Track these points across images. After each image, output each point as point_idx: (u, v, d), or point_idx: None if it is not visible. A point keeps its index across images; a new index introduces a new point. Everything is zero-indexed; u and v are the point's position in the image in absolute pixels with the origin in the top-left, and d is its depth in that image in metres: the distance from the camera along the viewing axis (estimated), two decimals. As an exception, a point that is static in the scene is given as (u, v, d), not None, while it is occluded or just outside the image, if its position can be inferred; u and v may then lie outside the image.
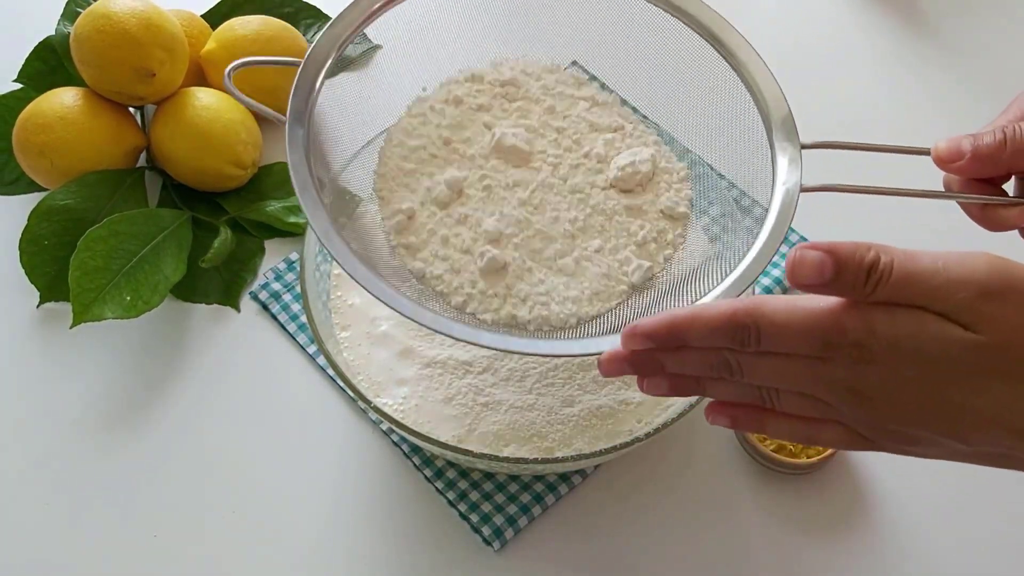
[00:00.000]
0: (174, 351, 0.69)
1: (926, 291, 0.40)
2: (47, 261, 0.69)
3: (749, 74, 0.58)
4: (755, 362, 0.43)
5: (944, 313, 0.40)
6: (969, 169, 0.49)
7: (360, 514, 0.63)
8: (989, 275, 0.40)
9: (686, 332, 0.43)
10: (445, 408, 0.60)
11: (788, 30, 0.85)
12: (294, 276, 0.71)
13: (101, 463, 0.65)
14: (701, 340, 0.43)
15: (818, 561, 0.61)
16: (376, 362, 0.62)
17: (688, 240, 0.60)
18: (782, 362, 0.42)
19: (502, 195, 0.57)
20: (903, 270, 0.40)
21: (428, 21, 0.59)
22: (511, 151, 0.58)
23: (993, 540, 0.62)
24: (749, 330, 0.42)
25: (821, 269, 0.40)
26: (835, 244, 0.41)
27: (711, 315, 0.42)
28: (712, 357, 0.44)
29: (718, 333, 0.42)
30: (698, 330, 0.43)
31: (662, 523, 0.62)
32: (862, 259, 0.40)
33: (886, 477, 0.64)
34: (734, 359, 0.43)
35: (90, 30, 0.70)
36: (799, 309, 0.42)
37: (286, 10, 0.82)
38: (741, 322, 0.42)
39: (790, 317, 0.41)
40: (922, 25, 0.86)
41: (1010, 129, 0.48)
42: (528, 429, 0.60)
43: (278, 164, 0.77)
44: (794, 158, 0.55)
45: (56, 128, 0.70)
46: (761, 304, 0.42)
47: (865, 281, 0.40)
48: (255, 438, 0.66)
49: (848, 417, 0.43)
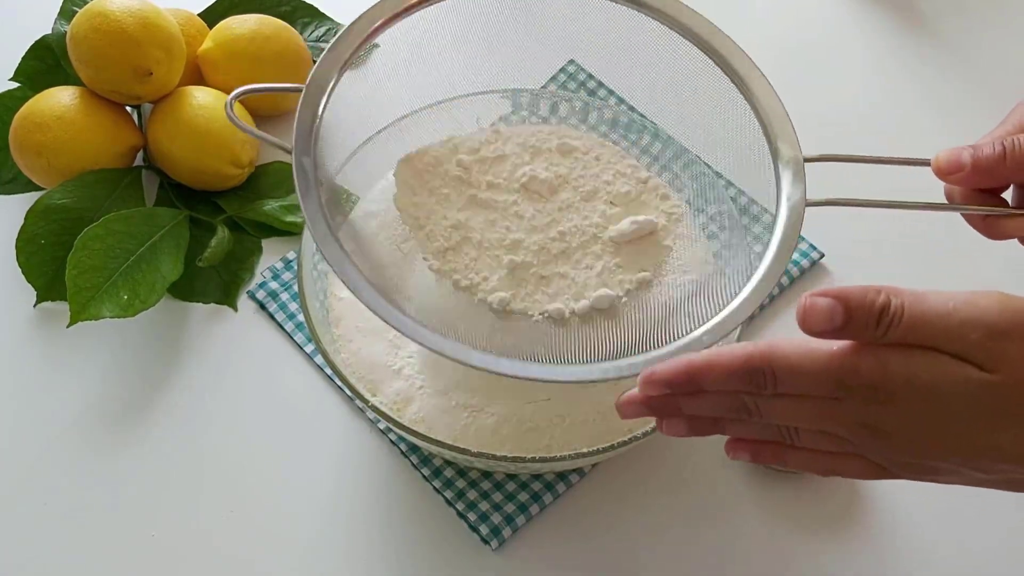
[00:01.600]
0: (171, 350, 0.69)
1: (938, 332, 0.40)
2: (44, 260, 0.69)
3: (748, 89, 0.58)
4: (772, 403, 0.43)
5: (957, 354, 0.40)
6: (969, 181, 0.50)
7: (358, 512, 0.63)
8: (1000, 314, 0.40)
9: (703, 378, 0.44)
10: (442, 406, 0.60)
11: (785, 31, 0.85)
12: (291, 275, 0.71)
13: (99, 463, 0.65)
14: (718, 384, 0.44)
15: (815, 560, 0.61)
16: (370, 358, 0.62)
17: (694, 255, 0.61)
18: (798, 403, 0.43)
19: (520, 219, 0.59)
20: (914, 312, 0.40)
21: (427, 31, 0.59)
22: (540, 183, 0.60)
23: (990, 539, 0.62)
24: (764, 374, 0.42)
25: (832, 316, 0.41)
26: (844, 290, 0.41)
27: (727, 360, 0.43)
28: (730, 400, 0.44)
29: (734, 378, 0.43)
30: (715, 376, 0.43)
31: (660, 522, 0.62)
32: (872, 303, 0.41)
33: (883, 475, 0.64)
34: (751, 401, 0.44)
35: (87, 29, 0.70)
36: (813, 352, 0.42)
37: (283, 9, 0.82)
38: (756, 367, 0.42)
39: (804, 360, 0.42)
40: (920, 26, 0.86)
41: (1009, 142, 0.48)
42: (526, 427, 0.60)
43: (276, 163, 0.76)
44: (798, 172, 0.55)
45: (53, 127, 0.70)
46: (775, 347, 0.42)
47: (876, 325, 0.40)
48: (253, 437, 0.66)
49: (867, 451, 0.44)
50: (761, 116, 0.57)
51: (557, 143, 0.63)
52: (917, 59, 0.84)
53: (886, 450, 0.43)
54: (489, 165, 0.61)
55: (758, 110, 0.57)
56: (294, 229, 0.73)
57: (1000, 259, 0.72)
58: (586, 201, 0.61)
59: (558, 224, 0.60)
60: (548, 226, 0.59)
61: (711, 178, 0.65)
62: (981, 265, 0.70)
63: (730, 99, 0.58)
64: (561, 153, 0.63)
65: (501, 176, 0.61)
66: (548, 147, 0.63)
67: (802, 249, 0.72)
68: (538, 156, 0.62)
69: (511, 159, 0.61)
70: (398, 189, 0.59)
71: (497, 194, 0.60)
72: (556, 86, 0.79)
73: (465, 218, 0.59)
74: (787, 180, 0.55)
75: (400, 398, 0.61)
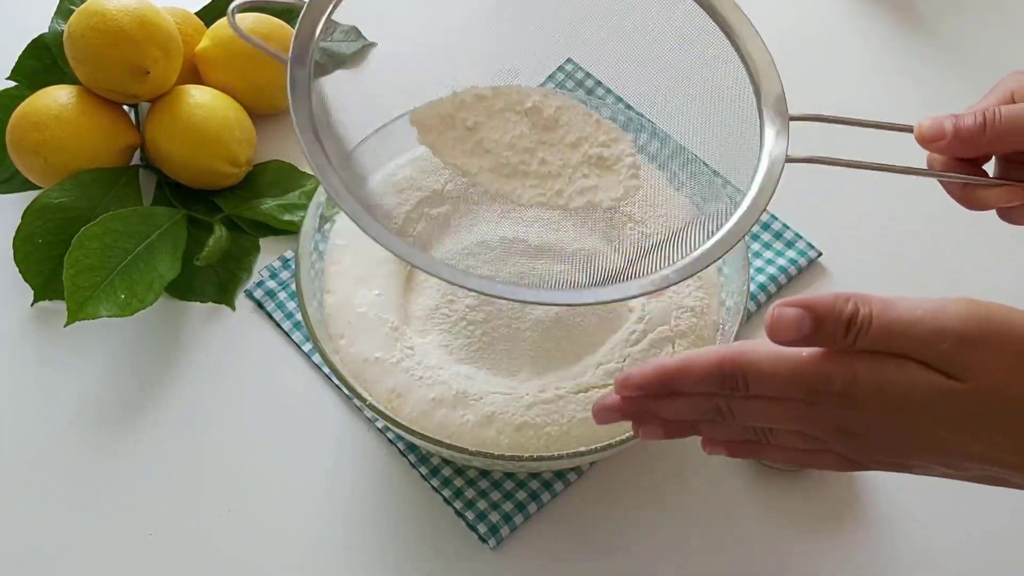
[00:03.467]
0: (169, 349, 0.69)
1: (906, 341, 0.41)
2: (41, 260, 0.69)
3: (741, 41, 0.57)
4: (745, 405, 0.44)
5: (926, 362, 0.41)
6: (950, 149, 0.50)
7: (356, 512, 0.63)
8: (966, 323, 0.40)
9: (676, 381, 0.44)
10: (439, 405, 0.60)
11: (783, 31, 0.85)
12: (289, 274, 0.71)
13: (96, 462, 0.65)
14: (691, 388, 0.44)
15: (813, 557, 0.61)
16: (368, 357, 0.62)
17: (671, 203, 0.62)
18: (771, 405, 0.43)
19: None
20: (882, 321, 0.41)
21: (426, 30, 0.59)
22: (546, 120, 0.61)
23: (988, 537, 0.62)
24: (736, 378, 0.43)
25: (800, 326, 0.41)
26: (812, 300, 0.41)
27: (699, 364, 0.44)
28: (704, 403, 0.45)
29: (707, 381, 0.44)
30: (688, 379, 0.44)
31: (658, 520, 0.62)
32: (840, 313, 0.41)
33: (880, 474, 0.64)
34: (724, 404, 0.44)
35: (84, 28, 0.69)
36: (784, 357, 0.42)
37: (281, 8, 0.82)
38: (728, 371, 0.43)
39: (776, 366, 0.42)
40: (918, 25, 0.86)
41: (990, 113, 0.49)
42: (523, 426, 0.60)
43: (273, 162, 0.76)
44: (781, 130, 0.55)
45: (50, 126, 0.70)
46: (747, 352, 0.43)
47: (845, 334, 0.41)
48: (251, 436, 0.66)
49: (840, 450, 0.44)
50: (751, 71, 0.57)
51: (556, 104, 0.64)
52: (916, 59, 0.84)
53: (859, 449, 0.44)
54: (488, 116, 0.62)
55: (748, 64, 0.57)
56: (292, 228, 0.73)
57: (999, 258, 0.72)
58: (573, 148, 0.61)
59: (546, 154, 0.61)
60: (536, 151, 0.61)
61: (708, 176, 0.65)
62: (979, 263, 0.71)
63: (720, 52, 0.58)
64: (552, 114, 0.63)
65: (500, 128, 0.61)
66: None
67: (799, 248, 0.72)
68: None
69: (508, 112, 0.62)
70: (419, 131, 0.60)
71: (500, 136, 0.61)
72: (554, 84, 0.79)
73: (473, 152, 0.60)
74: (770, 135, 0.55)
75: (397, 396, 0.60)
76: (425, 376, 0.61)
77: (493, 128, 0.60)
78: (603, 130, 0.63)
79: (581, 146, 0.62)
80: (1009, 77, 0.51)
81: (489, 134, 0.60)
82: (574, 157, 0.61)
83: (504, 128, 0.60)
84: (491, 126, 0.60)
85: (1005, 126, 0.48)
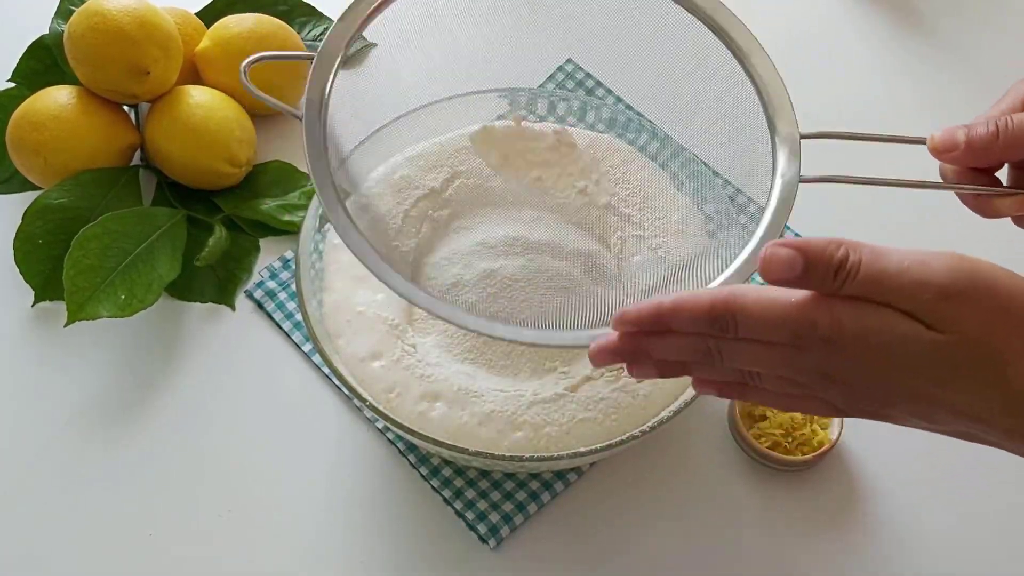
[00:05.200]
0: (169, 350, 0.69)
1: (891, 290, 0.42)
2: (41, 260, 0.69)
3: (751, 64, 0.58)
4: (734, 347, 0.45)
5: (909, 312, 0.42)
6: (963, 159, 0.51)
7: (355, 512, 0.63)
8: (949, 276, 0.41)
9: (670, 319, 0.45)
10: (439, 403, 0.60)
11: (782, 31, 0.85)
12: (289, 274, 0.71)
13: (96, 462, 0.65)
14: (684, 326, 0.45)
15: (812, 557, 0.61)
16: (368, 357, 0.62)
17: (685, 229, 0.63)
18: (759, 348, 0.44)
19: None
20: (870, 269, 0.42)
21: (425, 18, 0.59)
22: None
23: (986, 536, 0.62)
24: (726, 320, 0.44)
25: (791, 266, 0.42)
26: (806, 241, 0.42)
27: (692, 304, 0.44)
28: (695, 343, 0.46)
29: (699, 321, 0.44)
30: (681, 317, 0.45)
31: (658, 520, 0.62)
32: (831, 257, 0.42)
33: (880, 473, 0.64)
34: (715, 345, 0.45)
35: (84, 28, 0.69)
36: (773, 301, 0.43)
37: (280, 8, 0.82)
38: (719, 313, 0.44)
39: (764, 310, 0.43)
40: (918, 25, 0.86)
41: (1003, 121, 0.49)
42: (523, 426, 0.60)
43: (273, 162, 0.76)
44: (794, 150, 0.55)
45: (50, 126, 0.70)
46: (738, 296, 0.44)
47: (834, 277, 0.42)
48: (250, 436, 0.66)
49: (824, 395, 0.45)
50: (761, 93, 0.57)
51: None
52: (915, 58, 0.84)
53: (841, 396, 0.45)
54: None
55: (759, 87, 0.57)
56: (292, 228, 0.73)
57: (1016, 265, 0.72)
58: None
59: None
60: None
61: (708, 176, 0.66)
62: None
63: (729, 73, 0.59)
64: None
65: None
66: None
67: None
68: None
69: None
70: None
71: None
72: (554, 85, 0.79)
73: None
74: (783, 157, 0.55)
75: (396, 395, 0.60)
76: (425, 374, 0.61)
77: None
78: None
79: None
80: (1019, 84, 0.51)
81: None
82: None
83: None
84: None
85: (1017, 134, 0.49)
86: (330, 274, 0.65)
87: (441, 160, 0.68)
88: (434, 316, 0.52)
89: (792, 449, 0.63)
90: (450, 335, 0.63)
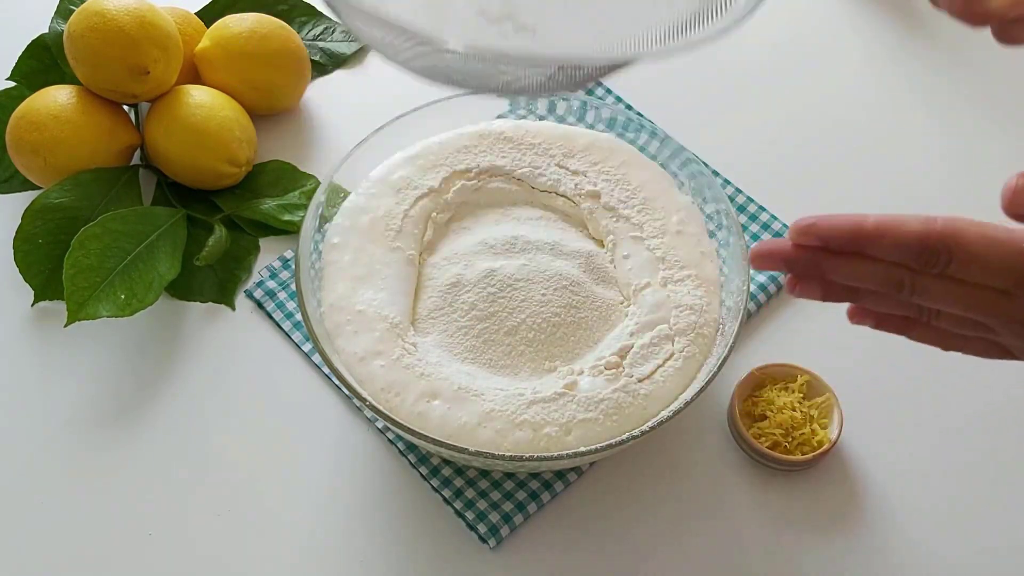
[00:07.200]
0: (169, 349, 0.69)
1: None
2: (41, 260, 0.69)
3: None
4: (932, 284, 0.41)
5: None
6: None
7: (355, 512, 0.63)
8: None
9: (868, 242, 0.41)
10: (439, 402, 0.60)
11: (781, 31, 0.86)
12: (289, 274, 0.71)
13: (96, 461, 0.65)
14: (883, 252, 0.41)
15: (812, 556, 0.61)
16: (368, 356, 0.62)
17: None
18: (961, 289, 0.41)
19: None
20: None
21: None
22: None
23: (986, 536, 0.62)
24: (940, 254, 0.40)
25: None
26: None
27: (902, 231, 0.40)
28: (888, 272, 0.41)
29: (904, 251, 0.40)
30: (883, 243, 0.41)
31: (658, 519, 0.62)
32: None
33: (880, 473, 0.64)
34: (910, 279, 0.41)
35: (84, 28, 0.69)
36: (999, 243, 0.40)
37: (280, 8, 0.82)
38: (933, 246, 0.40)
39: (989, 250, 0.40)
40: (918, 27, 0.86)
41: None
42: (523, 425, 0.60)
43: (273, 162, 0.76)
44: None
45: (50, 126, 0.70)
46: (960, 231, 0.40)
47: None
48: (250, 436, 0.66)
49: (1007, 341, 0.42)
50: None
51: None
52: (914, 59, 0.84)
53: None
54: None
55: None
56: (291, 228, 0.73)
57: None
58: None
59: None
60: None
61: (708, 177, 0.66)
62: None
63: None
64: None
65: None
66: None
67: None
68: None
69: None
70: None
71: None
72: (554, 85, 0.79)
73: None
74: None
75: (396, 394, 0.60)
76: (425, 373, 0.61)
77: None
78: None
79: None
80: None
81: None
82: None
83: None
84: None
85: None
86: (330, 274, 0.65)
87: (441, 160, 0.69)
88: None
89: (792, 449, 0.63)
90: (450, 334, 0.63)
